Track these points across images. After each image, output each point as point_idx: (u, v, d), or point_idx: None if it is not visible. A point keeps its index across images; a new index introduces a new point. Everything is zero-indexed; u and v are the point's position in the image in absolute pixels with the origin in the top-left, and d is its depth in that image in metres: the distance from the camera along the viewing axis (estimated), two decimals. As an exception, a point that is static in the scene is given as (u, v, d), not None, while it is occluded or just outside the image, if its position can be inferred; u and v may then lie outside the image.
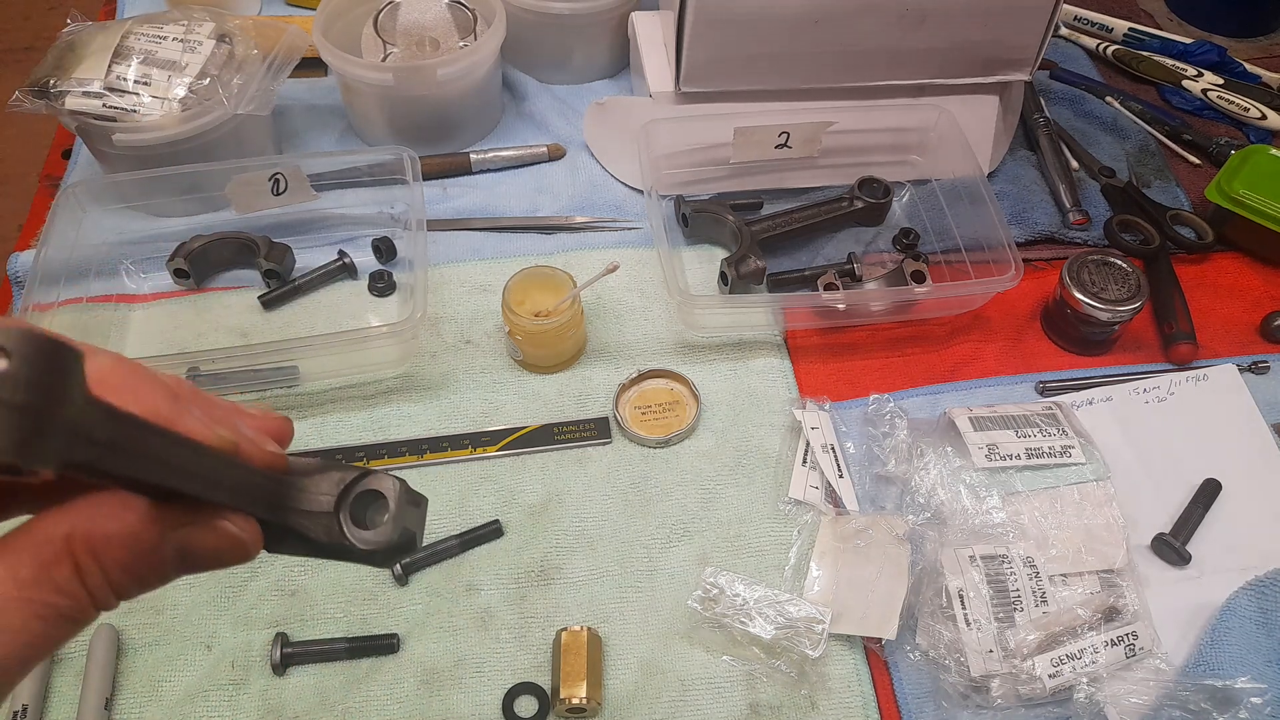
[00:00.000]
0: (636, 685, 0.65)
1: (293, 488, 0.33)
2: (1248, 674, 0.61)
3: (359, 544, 0.33)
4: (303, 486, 0.33)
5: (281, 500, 0.32)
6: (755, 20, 0.83)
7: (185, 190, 0.84)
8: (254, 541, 0.32)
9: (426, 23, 0.92)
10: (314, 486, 0.33)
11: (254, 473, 0.31)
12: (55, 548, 0.28)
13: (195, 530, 0.30)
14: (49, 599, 0.27)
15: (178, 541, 0.30)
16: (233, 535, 0.31)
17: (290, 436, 0.36)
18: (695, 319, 0.82)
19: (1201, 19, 1.16)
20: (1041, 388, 0.81)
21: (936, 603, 0.65)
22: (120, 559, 0.29)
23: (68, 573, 0.28)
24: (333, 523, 0.32)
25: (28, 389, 0.23)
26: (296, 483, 0.33)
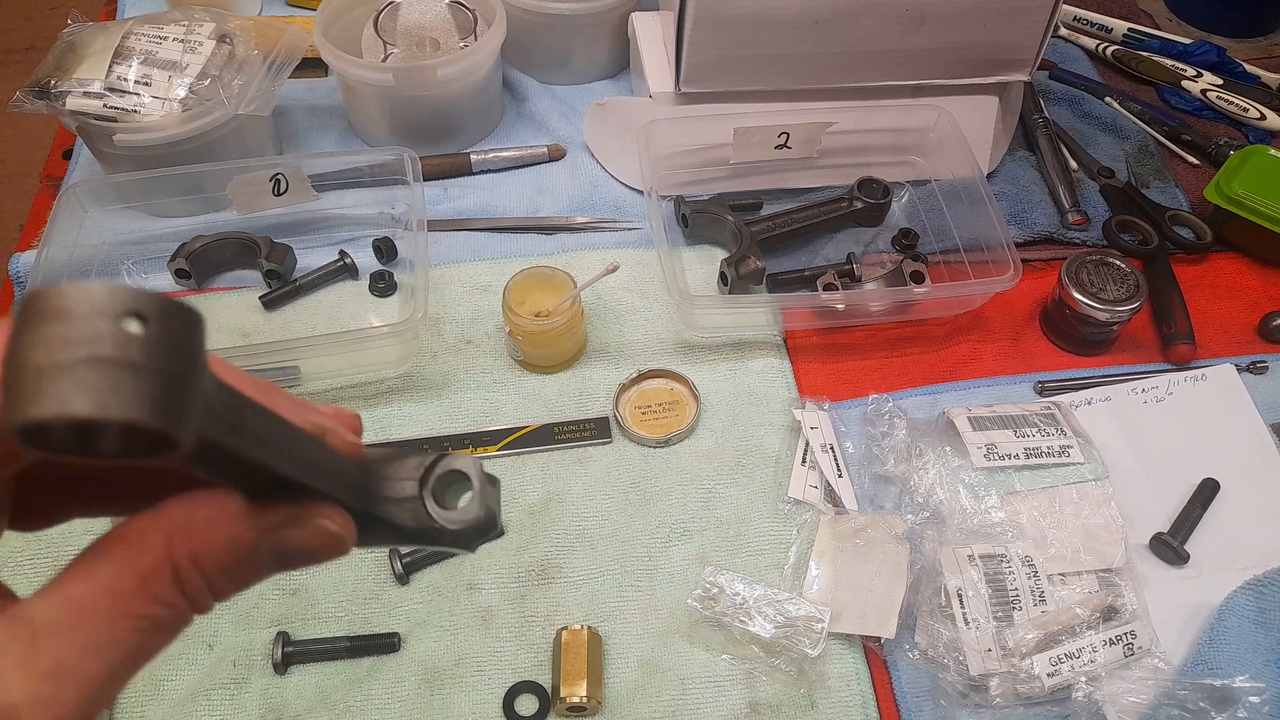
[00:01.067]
0: (636, 684, 0.65)
1: (376, 475, 0.32)
2: (1246, 673, 0.61)
3: (448, 524, 0.32)
4: (385, 473, 0.32)
5: (368, 487, 0.32)
6: (755, 20, 0.83)
7: (186, 190, 0.85)
8: (350, 536, 0.31)
9: (427, 23, 0.92)
10: (395, 472, 0.32)
11: (343, 460, 0.31)
12: (154, 556, 0.26)
13: (294, 530, 0.29)
14: (149, 610, 0.26)
15: (276, 542, 0.29)
16: (331, 532, 0.30)
17: (362, 431, 0.35)
18: (695, 319, 0.82)
19: (1201, 19, 1.17)
20: (1040, 388, 0.81)
21: (935, 602, 0.65)
22: (221, 563, 0.27)
23: (167, 582, 0.26)
24: (419, 506, 0.32)
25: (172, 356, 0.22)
26: (379, 469, 0.32)
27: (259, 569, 0.29)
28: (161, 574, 0.26)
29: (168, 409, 0.22)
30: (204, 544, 0.27)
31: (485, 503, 0.32)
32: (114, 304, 0.22)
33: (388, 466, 0.32)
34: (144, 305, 0.22)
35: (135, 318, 0.22)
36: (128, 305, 0.22)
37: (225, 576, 0.28)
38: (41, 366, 0.21)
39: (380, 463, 0.32)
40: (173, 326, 0.22)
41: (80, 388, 0.21)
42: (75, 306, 0.21)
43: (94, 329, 0.21)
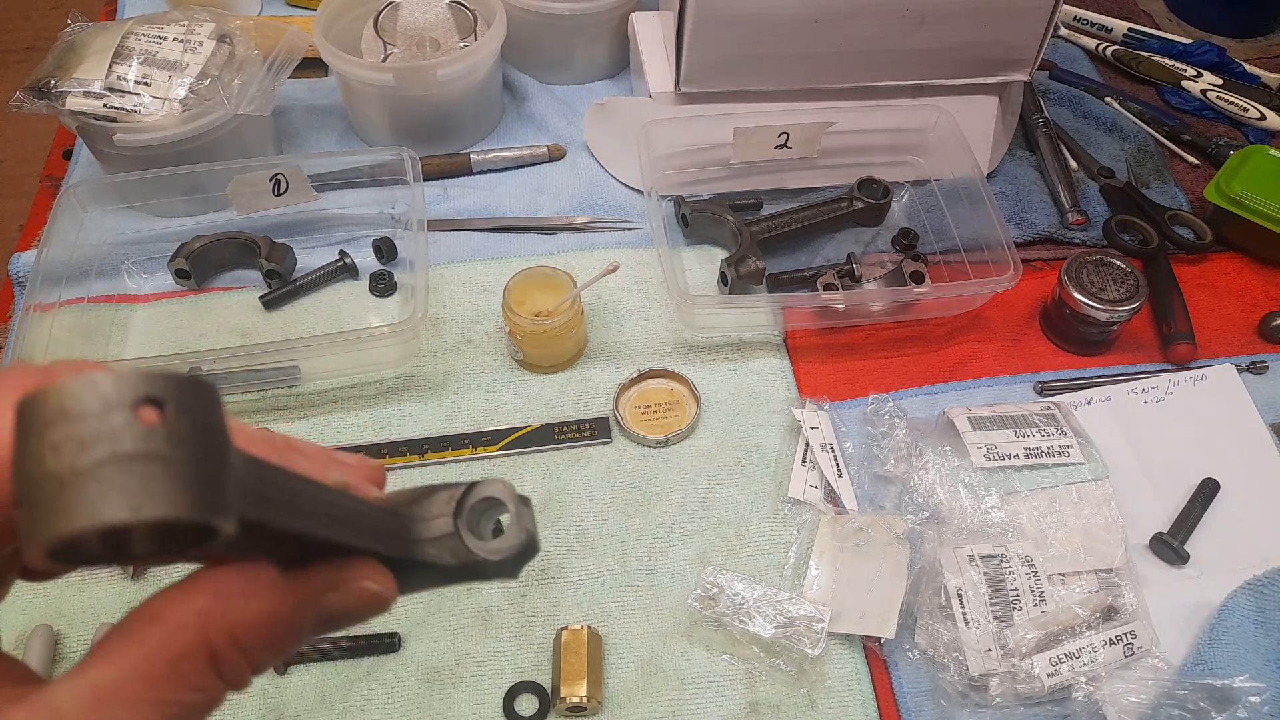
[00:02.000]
0: (636, 684, 0.65)
1: (408, 518, 0.30)
2: (1246, 673, 0.61)
3: (491, 556, 0.30)
4: (416, 515, 0.30)
5: (402, 533, 0.30)
6: (755, 20, 0.83)
7: (186, 190, 0.85)
8: (391, 591, 0.29)
9: (427, 23, 0.92)
10: (426, 512, 0.30)
11: (374, 509, 0.29)
12: (189, 638, 0.24)
13: (336, 595, 0.28)
14: (180, 697, 0.24)
15: (316, 609, 0.27)
16: (373, 593, 0.28)
17: (384, 482, 0.33)
18: (695, 319, 0.82)
19: (1201, 19, 1.17)
20: (1040, 388, 0.81)
21: (935, 602, 0.65)
22: (261, 639, 0.26)
23: (202, 665, 0.24)
24: (457, 542, 0.30)
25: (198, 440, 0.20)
26: (409, 512, 0.30)
27: (300, 638, 0.27)
28: (196, 657, 0.24)
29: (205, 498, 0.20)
30: (241, 621, 0.25)
31: (524, 526, 0.31)
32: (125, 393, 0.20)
33: (417, 508, 0.30)
34: (158, 389, 0.20)
35: (150, 404, 0.20)
36: (140, 392, 0.20)
37: (266, 651, 0.26)
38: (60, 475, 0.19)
39: (409, 504, 0.30)
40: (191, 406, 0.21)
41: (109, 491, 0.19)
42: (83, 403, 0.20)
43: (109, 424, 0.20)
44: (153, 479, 0.19)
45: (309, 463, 0.29)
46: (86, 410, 0.19)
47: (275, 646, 0.26)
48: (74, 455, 0.19)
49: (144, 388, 0.20)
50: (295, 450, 0.29)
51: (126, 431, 0.20)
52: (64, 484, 0.19)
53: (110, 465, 0.19)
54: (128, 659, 0.24)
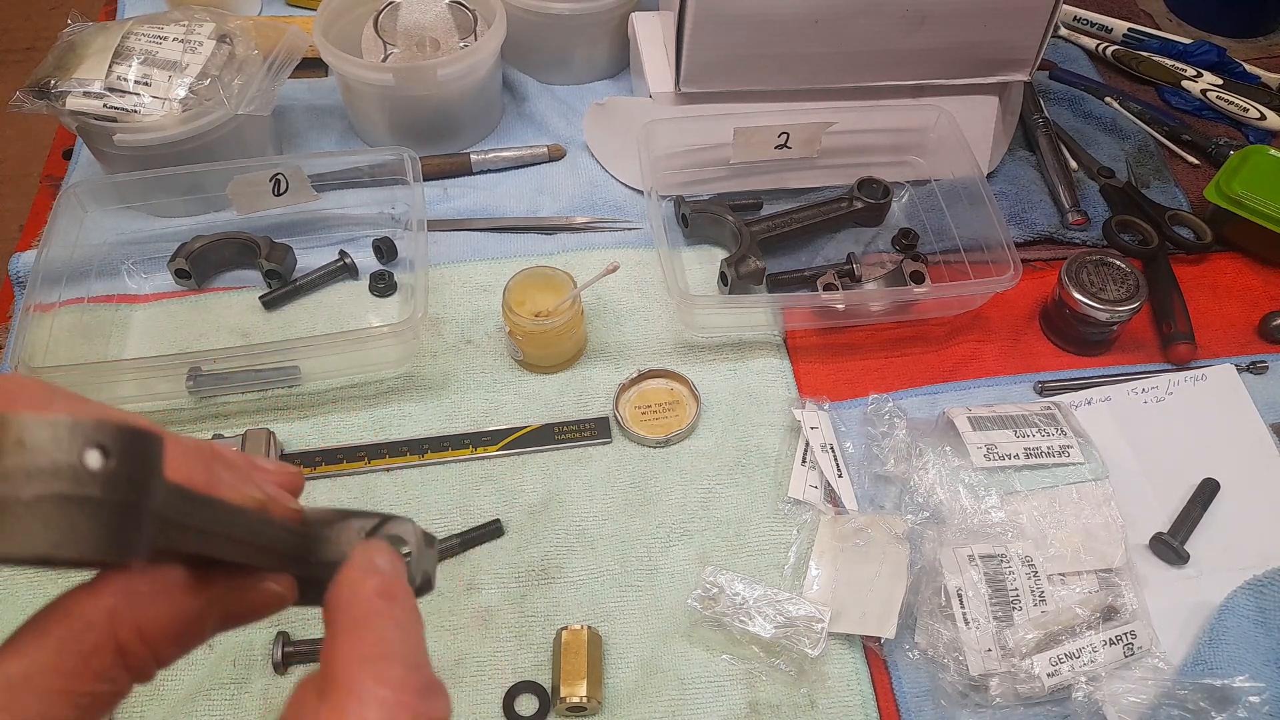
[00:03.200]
0: (636, 684, 0.65)
1: (316, 539, 0.33)
2: (1246, 673, 0.61)
3: None
4: (325, 537, 0.33)
5: (309, 553, 0.33)
6: (755, 20, 0.83)
7: (186, 190, 0.85)
8: (291, 595, 0.32)
9: (427, 23, 0.92)
10: (335, 536, 0.33)
11: (284, 528, 0.32)
12: (98, 633, 0.26)
13: (239, 594, 0.30)
14: (89, 687, 0.26)
15: (222, 607, 0.29)
16: (275, 594, 0.31)
17: (302, 488, 0.36)
18: (695, 319, 0.82)
19: (1201, 19, 1.17)
20: (1040, 388, 0.81)
21: (935, 602, 0.65)
22: (167, 634, 0.28)
23: (110, 658, 0.26)
24: None
25: (129, 487, 0.23)
26: (320, 533, 0.33)
27: (204, 634, 0.29)
28: (104, 650, 0.26)
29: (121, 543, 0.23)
30: (149, 617, 0.27)
31: (421, 569, 0.34)
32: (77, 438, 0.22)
33: (330, 529, 0.33)
34: (106, 437, 0.23)
35: (98, 449, 0.23)
36: (90, 438, 0.23)
37: (171, 645, 0.28)
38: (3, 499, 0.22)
39: (323, 525, 0.33)
40: (133, 455, 0.23)
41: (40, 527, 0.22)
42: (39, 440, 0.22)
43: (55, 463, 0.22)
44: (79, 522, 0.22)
45: (232, 474, 0.31)
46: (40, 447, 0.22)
47: (180, 641, 0.28)
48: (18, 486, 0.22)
49: (94, 435, 0.23)
50: (221, 461, 0.31)
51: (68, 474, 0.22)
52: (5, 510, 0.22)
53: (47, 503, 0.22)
54: (39, 652, 0.25)
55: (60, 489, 0.22)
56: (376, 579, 0.31)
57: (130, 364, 0.77)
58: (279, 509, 0.32)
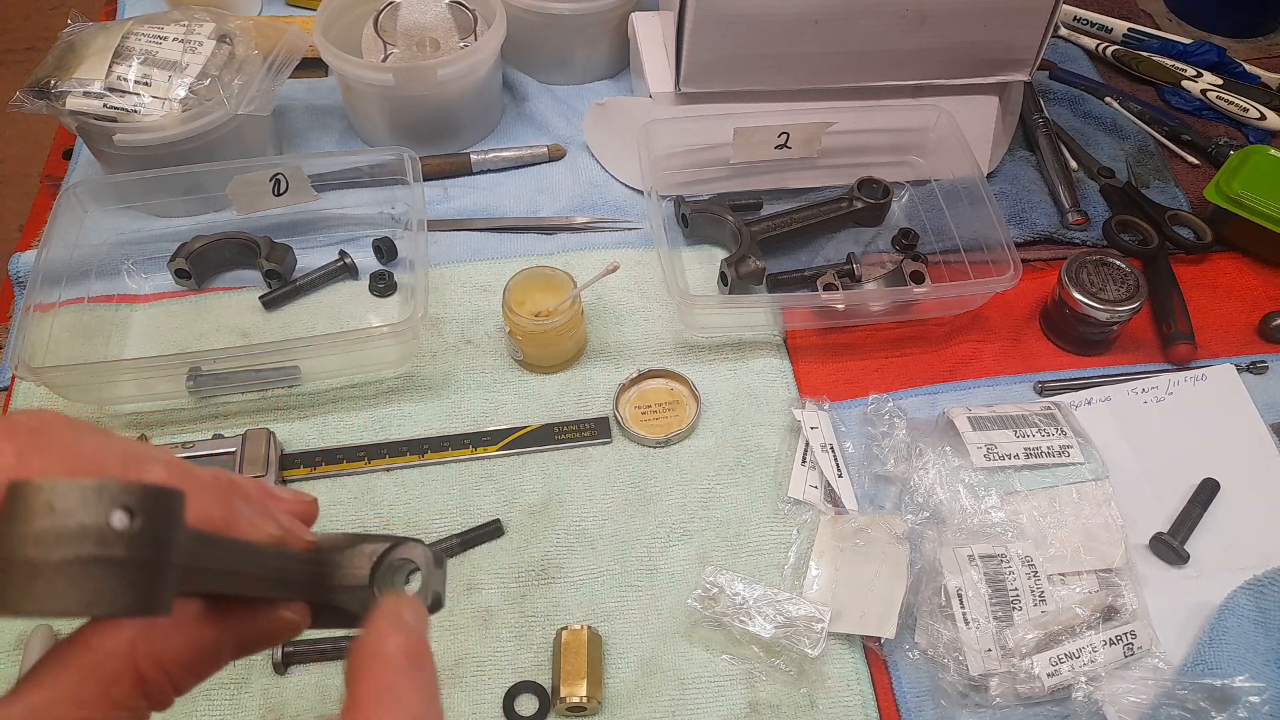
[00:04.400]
0: (636, 684, 0.65)
1: (329, 565, 0.34)
2: (1246, 673, 0.61)
3: None
4: (337, 562, 0.34)
5: (322, 579, 0.33)
6: (755, 20, 0.83)
7: (186, 190, 0.85)
8: (305, 622, 0.33)
9: (427, 23, 0.92)
10: (348, 561, 0.34)
11: (299, 559, 0.33)
12: (117, 664, 0.27)
13: (255, 623, 0.31)
14: (109, 715, 0.27)
15: (238, 636, 0.30)
16: (289, 620, 0.32)
17: (316, 516, 0.36)
18: (695, 319, 0.82)
19: (1201, 19, 1.17)
20: (1040, 388, 0.81)
21: (935, 602, 0.65)
22: (185, 665, 0.29)
23: (129, 688, 0.27)
24: (368, 595, 0.34)
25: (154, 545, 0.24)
26: (332, 559, 0.34)
27: (220, 661, 0.30)
28: (124, 680, 0.27)
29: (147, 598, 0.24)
30: (167, 649, 0.28)
31: (432, 589, 0.35)
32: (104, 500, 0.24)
33: (341, 555, 0.34)
34: (131, 499, 0.24)
35: (123, 511, 0.24)
36: (116, 500, 0.24)
37: (189, 675, 0.29)
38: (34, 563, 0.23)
39: (335, 551, 0.34)
40: (157, 514, 0.25)
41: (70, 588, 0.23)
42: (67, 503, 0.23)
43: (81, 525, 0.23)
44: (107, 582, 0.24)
45: (249, 507, 0.32)
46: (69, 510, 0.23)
47: (198, 670, 0.29)
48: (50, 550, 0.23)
49: (120, 497, 0.24)
50: (239, 493, 0.32)
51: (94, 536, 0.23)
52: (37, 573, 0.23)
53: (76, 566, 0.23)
54: (61, 683, 0.26)
55: (88, 551, 0.23)
56: (402, 638, 0.31)
57: (130, 364, 0.77)
58: (294, 540, 0.33)
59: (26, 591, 0.23)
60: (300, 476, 0.74)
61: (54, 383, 0.73)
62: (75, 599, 0.23)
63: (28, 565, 0.23)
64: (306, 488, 0.73)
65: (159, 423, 0.77)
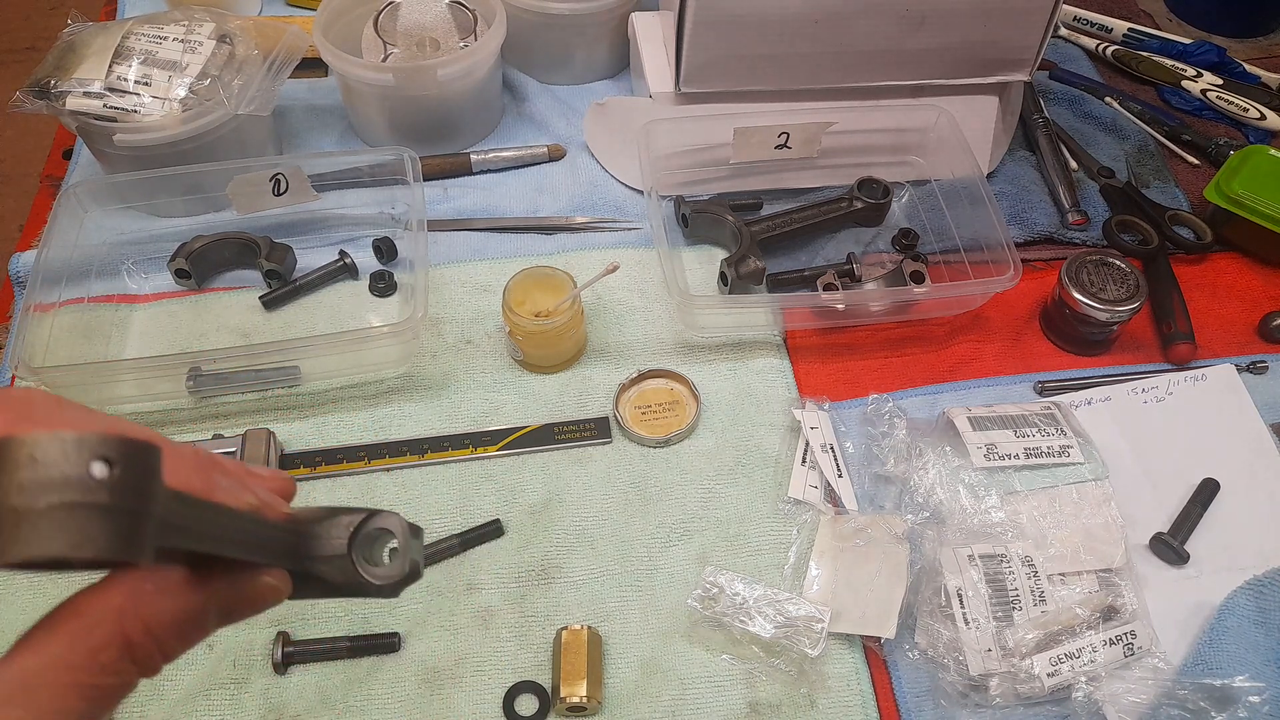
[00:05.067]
0: (636, 684, 0.65)
1: (308, 536, 0.35)
2: (1246, 673, 0.61)
3: (374, 580, 0.35)
4: (316, 533, 0.35)
5: (301, 549, 0.35)
6: (755, 21, 0.83)
7: (186, 190, 0.85)
8: (286, 588, 0.34)
9: (427, 23, 0.92)
10: (326, 532, 0.35)
11: (276, 527, 0.34)
12: (106, 629, 0.28)
13: (237, 589, 0.32)
14: (98, 680, 0.27)
15: (222, 602, 0.31)
16: (272, 587, 0.33)
17: (294, 493, 0.38)
18: (695, 319, 0.82)
19: (1201, 19, 1.17)
20: (1040, 388, 0.81)
21: (935, 602, 0.65)
22: (172, 629, 0.29)
23: (116, 653, 0.28)
24: (347, 564, 0.35)
25: (133, 493, 0.26)
26: (311, 530, 0.35)
27: (206, 627, 0.31)
28: (111, 646, 0.28)
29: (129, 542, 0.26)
30: (154, 613, 0.29)
31: (410, 557, 0.36)
32: (84, 451, 0.25)
33: (319, 526, 0.35)
34: (110, 450, 0.25)
35: (102, 461, 0.25)
36: (95, 451, 0.25)
37: (176, 639, 0.30)
38: (20, 510, 0.24)
39: (313, 523, 0.35)
40: (135, 465, 0.26)
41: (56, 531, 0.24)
42: (50, 455, 0.25)
43: (64, 475, 0.25)
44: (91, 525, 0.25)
45: (229, 480, 0.34)
46: (51, 461, 0.25)
47: (184, 636, 0.30)
48: (33, 497, 0.24)
49: (99, 448, 0.25)
50: (218, 469, 0.34)
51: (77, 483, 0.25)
52: (22, 519, 0.24)
53: (60, 510, 0.25)
54: (50, 648, 0.27)
55: (71, 497, 0.25)
56: None
57: (130, 364, 0.77)
58: (272, 511, 0.34)
59: (14, 537, 0.24)
60: (300, 476, 0.74)
61: (54, 383, 0.73)
62: (60, 542, 0.24)
63: (13, 513, 0.24)
64: (307, 487, 0.73)
65: (159, 423, 0.77)
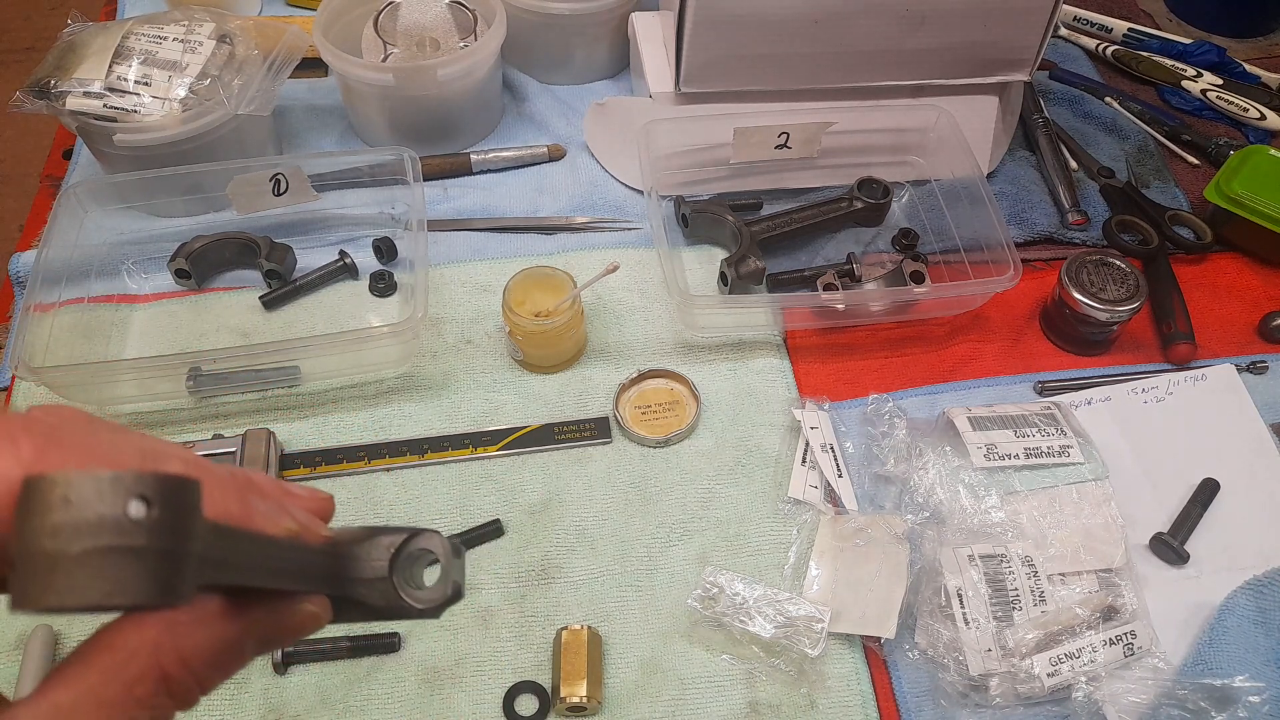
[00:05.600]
0: (636, 684, 0.65)
1: (348, 558, 0.34)
2: (1246, 673, 0.61)
3: (416, 604, 0.34)
4: (356, 555, 0.34)
5: (341, 572, 0.33)
6: (755, 20, 0.83)
7: (186, 190, 0.85)
8: (327, 615, 0.32)
9: (427, 23, 0.92)
10: (366, 554, 0.34)
11: (316, 552, 0.32)
12: (141, 663, 0.27)
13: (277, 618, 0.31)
14: (133, 714, 0.26)
15: (260, 631, 0.30)
16: (312, 614, 0.32)
17: (333, 512, 0.36)
18: (695, 319, 0.82)
19: (1201, 19, 1.17)
20: (1040, 388, 0.81)
21: (935, 602, 0.65)
22: (210, 662, 0.28)
23: (152, 687, 0.27)
24: (388, 587, 0.33)
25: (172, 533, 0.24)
26: (350, 552, 0.34)
27: (244, 657, 0.30)
28: (147, 680, 0.27)
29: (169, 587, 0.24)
30: (190, 645, 0.28)
31: (452, 579, 0.34)
32: (119, 491, 0.23)
33: (359, 548, 0.34)
34: (148, 488, 0.24)
35: (140, 500, 0.24)
36: (132, 490, 0.24)
37: (213, 671, 0.29)
38: (53, 556, 0.23)
39: (353, 544, 0.34)
40: (174, 503, 0.24)
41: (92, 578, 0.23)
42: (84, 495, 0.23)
43: (100, 516, 0.23)
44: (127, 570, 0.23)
45: (267, 504, 0.32)
46: (86, 502, 0.23)
47: (222, 667, 0.29)
48: (68, 542, 0.23)
49: (136, 487, 0.24)
50: (255, 490, 0.32)
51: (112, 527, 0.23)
52: (56, 566, 0.23)
53: (95, 556, 0.23)
54: (84, 682, 0.26)
55: (107, 541, 0.23)
56: None
57: (130, 364, 0.77)
58: (310, 535, 0.33)
59: (47, 585, 0.23)
60: (300, 476, 0.74)
61: (54, 383, 0.73)
62: (96, 590, 0.23)
63: (46, 558, 0.23)
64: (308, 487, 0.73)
65: (159, 423, 0.77)
